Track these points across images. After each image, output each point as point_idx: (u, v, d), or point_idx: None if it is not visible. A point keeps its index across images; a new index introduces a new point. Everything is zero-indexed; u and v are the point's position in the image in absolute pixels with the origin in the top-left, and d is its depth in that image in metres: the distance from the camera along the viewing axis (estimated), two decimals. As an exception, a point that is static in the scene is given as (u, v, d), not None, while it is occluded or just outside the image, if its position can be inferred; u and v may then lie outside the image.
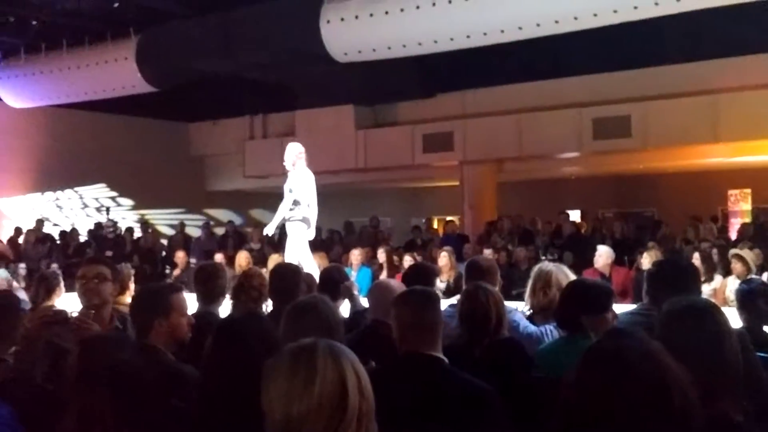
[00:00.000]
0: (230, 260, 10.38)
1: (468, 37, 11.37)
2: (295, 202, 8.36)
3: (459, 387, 2.96)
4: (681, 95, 13.90)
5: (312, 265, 8.11)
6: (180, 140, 19.94)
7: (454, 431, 2.68)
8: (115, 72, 14.34)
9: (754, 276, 7.63)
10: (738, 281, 7.01)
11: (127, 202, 19.52)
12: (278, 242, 13.96)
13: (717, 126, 13.45)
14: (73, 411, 2.36)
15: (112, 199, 19.04)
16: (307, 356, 1.90)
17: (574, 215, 17.52)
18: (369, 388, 1.92)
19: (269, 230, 8.88)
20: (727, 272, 8.81)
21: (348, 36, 12.22)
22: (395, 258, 10.28)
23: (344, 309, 5.25)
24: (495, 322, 3.83)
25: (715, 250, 9.93)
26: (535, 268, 4.97)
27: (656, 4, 10.02)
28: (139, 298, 3.67)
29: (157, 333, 3.29)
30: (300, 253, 8.35)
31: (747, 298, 4.48)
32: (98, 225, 16.57)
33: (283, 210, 8.48)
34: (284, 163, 8.55)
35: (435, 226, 17.75)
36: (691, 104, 13.74)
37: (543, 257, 10.62)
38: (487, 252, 9.58)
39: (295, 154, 8.50)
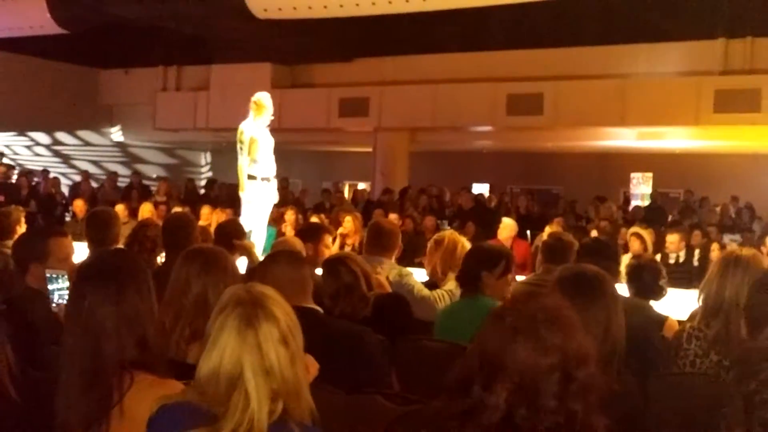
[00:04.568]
0: (133, 212, 10.16)
1: (390, 2, 11.32)
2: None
3: (337, 329, 3.21)
4: (592, 77, 14.18)
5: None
6: (89, 87, 19.25)
7: (336, 368, 2.72)
8: (24, 10, 13.70)
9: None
10: (634, 259, 7.23)
11: (29, 146, 18.81)
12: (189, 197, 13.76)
13: (624, 110, 13.79)
14: None
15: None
16: (222, 318, 1.84)
17: (483, 188, 17.83)
18: (287, 370, 1.81)
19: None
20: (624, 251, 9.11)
21: (269, -9, 11.99)
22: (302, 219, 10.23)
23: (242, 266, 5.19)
24: (365, 285, 3.76)
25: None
26: (436, 236, 5.04)
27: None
28: (19, 242, 3.63)
29: (33, 277, 3.24)
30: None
31: (635, 272, 4.63)
32: None
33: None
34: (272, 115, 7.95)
35: (346, 191, 17.76)
36: (600, 87, 14.04)
37: (448, 227, 10.73)
38: (393, 217, 9.62)
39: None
